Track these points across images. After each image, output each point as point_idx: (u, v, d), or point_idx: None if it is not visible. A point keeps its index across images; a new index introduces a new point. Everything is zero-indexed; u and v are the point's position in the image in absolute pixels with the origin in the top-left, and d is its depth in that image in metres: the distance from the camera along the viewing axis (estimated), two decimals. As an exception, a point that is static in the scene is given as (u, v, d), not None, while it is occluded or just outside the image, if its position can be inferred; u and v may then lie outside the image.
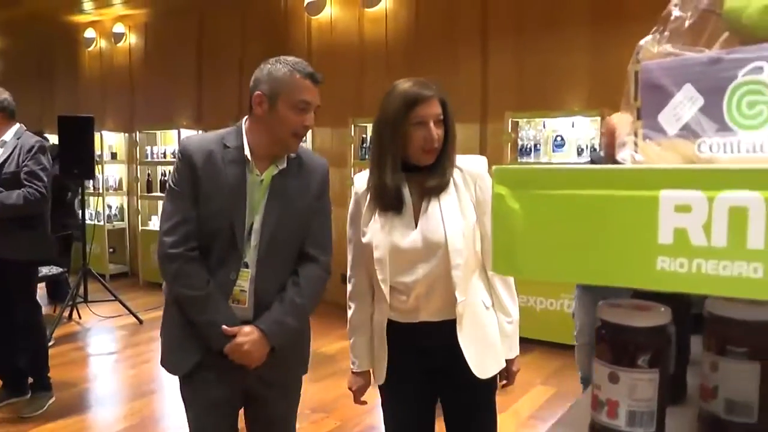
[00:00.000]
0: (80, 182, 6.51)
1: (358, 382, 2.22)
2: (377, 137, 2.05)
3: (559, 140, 5.63)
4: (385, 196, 2.02)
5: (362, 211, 2.09)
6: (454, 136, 2.04)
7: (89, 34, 9.59)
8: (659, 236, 0.56)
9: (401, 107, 1.96)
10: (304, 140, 7.70)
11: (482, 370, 2.05)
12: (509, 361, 2.16)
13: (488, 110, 6.17)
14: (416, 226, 2.02)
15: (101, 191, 8.79)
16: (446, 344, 2.03)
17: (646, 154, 0.70)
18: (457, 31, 6.35)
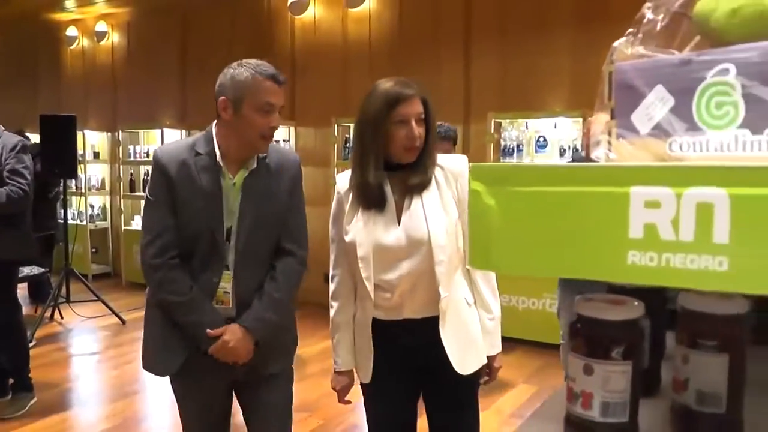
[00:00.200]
0: (62, 182, 6.45)
1: (341, 381, 2.22)
2: (359, 136, 2.07)
3: (541, 141, 5.66)
4: (368, 194, 2.03)
5: (345, 210, 2.10)
6: (435, 134, 2.06)
7: (71, 32, 9.51)
8: (630, 231, 0.58)
9: (383, 106, 1.98)
10: (286, 140, 7.62)
11: (463, 366, 2.07)
12: (491, 357, 2.18)
13: (471, 111, 6.19)
14: (399, 223, 2.03)
15: (84, 191, 8.70)
16: (429, 341, 2.04)
17: (619, 152, 0.72)
18: (440, 31, 6.37)
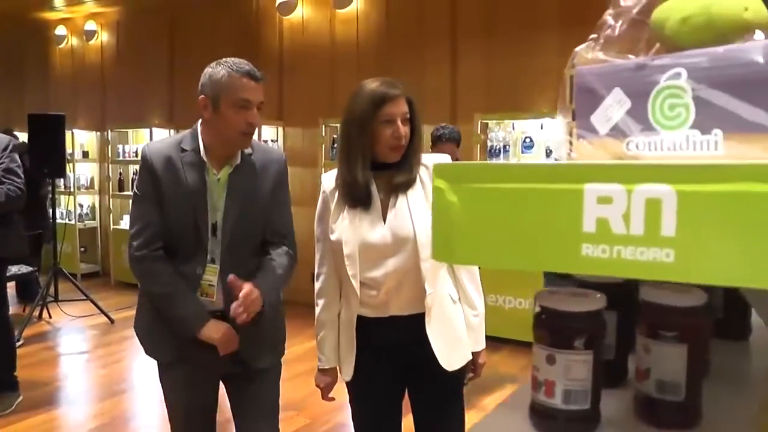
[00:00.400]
0: (51, 181, 6.45)
1: (325, 379, 2.24)
2: (345, 135, 2.10)
3: (528, 141, 5.70)
4: (354, 192, 2.06)
5: (330, 209, 2.13)
6: (420, 133, 2.10)
7: (60, 31, 9.49)
8: (583, 225, 0.61)
9: (369, 106, 2.01)
10: (274, 140, 7.62)
11: (450, 362, 2.10)
12: (476, 353, 2.22)
13: (458, 112, 6.22)
14: (384, 221, 2.07)
15: (72, 190, 8.70)
16: (415, 339, 2.07)
17: (579, 152, 0.76)
18: (427, 32, 6.41)
